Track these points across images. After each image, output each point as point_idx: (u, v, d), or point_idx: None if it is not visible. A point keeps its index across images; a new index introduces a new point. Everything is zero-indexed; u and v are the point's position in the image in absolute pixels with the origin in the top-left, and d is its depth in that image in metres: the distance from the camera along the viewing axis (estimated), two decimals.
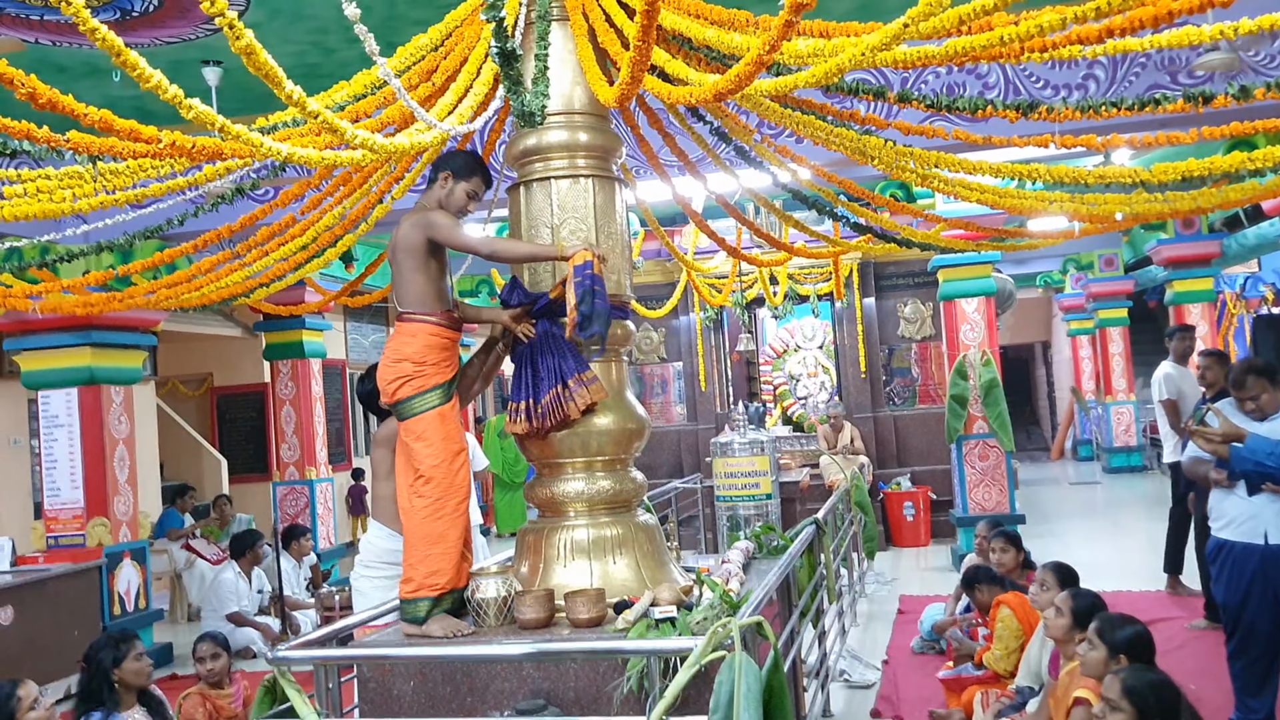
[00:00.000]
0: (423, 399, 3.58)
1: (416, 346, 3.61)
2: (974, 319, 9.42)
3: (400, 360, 3.60)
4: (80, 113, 2.50)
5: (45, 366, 7.78)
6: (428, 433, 3.57)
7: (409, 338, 3.63)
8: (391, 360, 3.62)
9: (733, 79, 2.69)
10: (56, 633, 7.14)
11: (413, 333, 3.64)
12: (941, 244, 6.45)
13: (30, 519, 9.93)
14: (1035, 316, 23.01)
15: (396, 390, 3.59)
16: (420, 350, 3.61)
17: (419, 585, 3.55)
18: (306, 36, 5.82)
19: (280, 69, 2.41)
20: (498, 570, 3.75)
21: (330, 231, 5.18)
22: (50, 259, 5.16)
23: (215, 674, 4.92)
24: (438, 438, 3.57)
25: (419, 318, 3.64)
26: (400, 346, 3.63)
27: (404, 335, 3.65)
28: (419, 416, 3.58)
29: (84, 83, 6.13)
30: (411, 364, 3.59)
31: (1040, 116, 3.75)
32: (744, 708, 2.67)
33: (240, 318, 12.57)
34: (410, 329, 3.64)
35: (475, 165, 3.80)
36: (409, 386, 3.58)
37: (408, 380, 3.58)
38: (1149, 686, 3.00)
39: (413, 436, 3.59)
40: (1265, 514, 4.27)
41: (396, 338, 3.67)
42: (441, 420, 3.60)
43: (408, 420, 3.61)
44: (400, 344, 3.63)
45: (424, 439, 3.56)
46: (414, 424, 3.59)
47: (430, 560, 3.56)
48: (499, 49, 3.18)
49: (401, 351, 3.61)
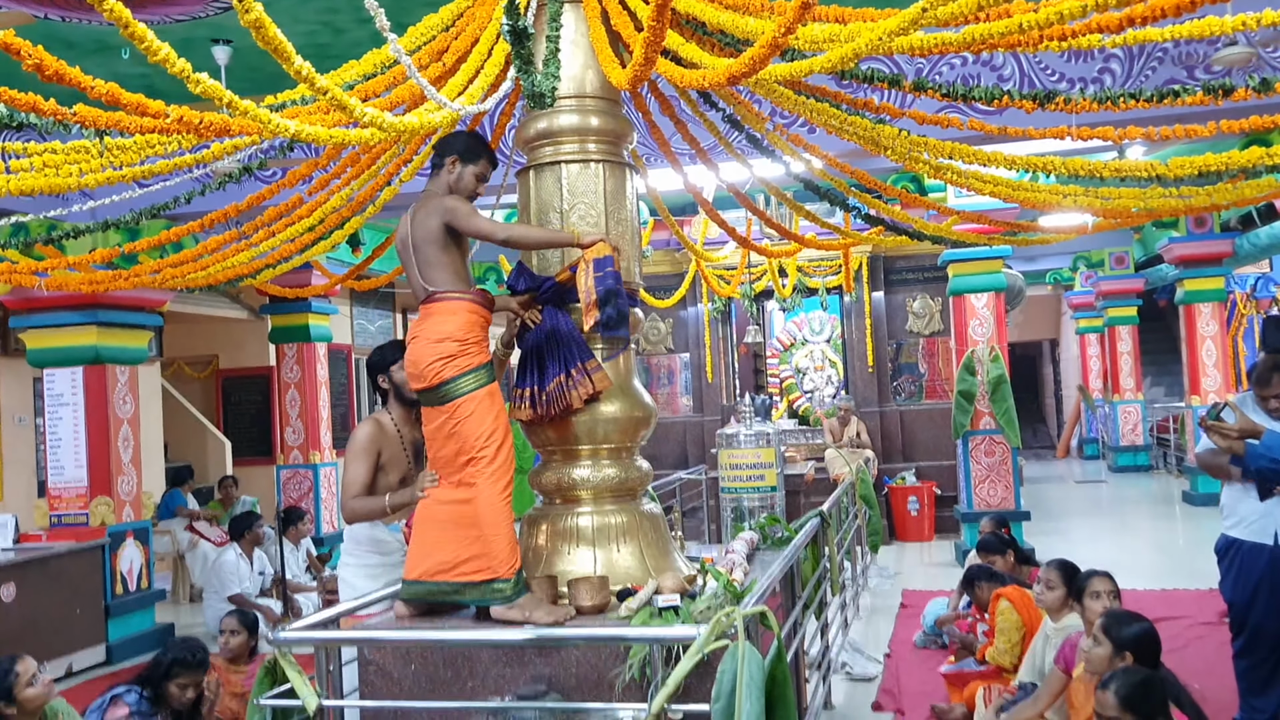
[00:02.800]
0: (471, 377, 3.43)
1: (459, 323, 3.47)
2: (983, 314, 9.37)
3: (442, 340, 3.44)
4: (87, 85, 2.47)
5: (51, 345, 7.78)
6: (479, 411, 3.43)
7: (448, 315, 3.48)
8: (431, 340, 3.45)
9: (746, 62, 2.65)
10: (58, 611, 7.15)
11: (452, 310, 3.49)
12: (953, 237, 6.41)
13: (34, 497, 9.96)
14: (1044, 313, 22.94)
15: (440, 371, 3.43)
16: (463, 327, 3.47)
17: (502, 564, 3.41)
18: (317, 16, 5.79)
19: (290, 45, 2.38)
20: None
21: (337, 213, 5.15)
22: (56, 235, 5.14)
23: (231, 649, 4.91)
24: (489, 415, 3.44)
25: (455, 295, 3.52)
26: (439, 325, 3.47)
27: (442, 314, 3.49)
28: (468, 396, 3.43)
29: (93, 59, 6.11)
30: (455, 342, 3.44)
31: (1057, 107, 3.70)
32: (746, 696, 2.65)
33: (246, 300, 12.57)
34: (449, 306, 3.50)
35: (481, 147, 3.71)
36: (453, 366, 3.43)
37: (451, 359, 3.43)
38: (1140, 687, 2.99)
39: (461, 418, 3.43)
40: (1276, 514, 4.22)
41: (433, 317, 3.50)
42: (491, 398, 3.47)
43: (454, 402, 3.44)
44: (439, 323, 3.48)
45: (475, 417, 3.42)
46: (463, 404, 3.43)
47: (507, 536, 3.43)
48: (510, 26, 3.14)
49: (442, 330, 3.46)
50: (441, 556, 3.50)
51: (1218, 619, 6.15)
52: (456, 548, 3.48)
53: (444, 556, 3.50)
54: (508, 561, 3.44)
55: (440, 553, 3.51)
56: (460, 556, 3.47)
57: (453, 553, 3.48)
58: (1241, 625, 4.40)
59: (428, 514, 3.59)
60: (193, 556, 9.72)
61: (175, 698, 4.17)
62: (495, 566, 3.43)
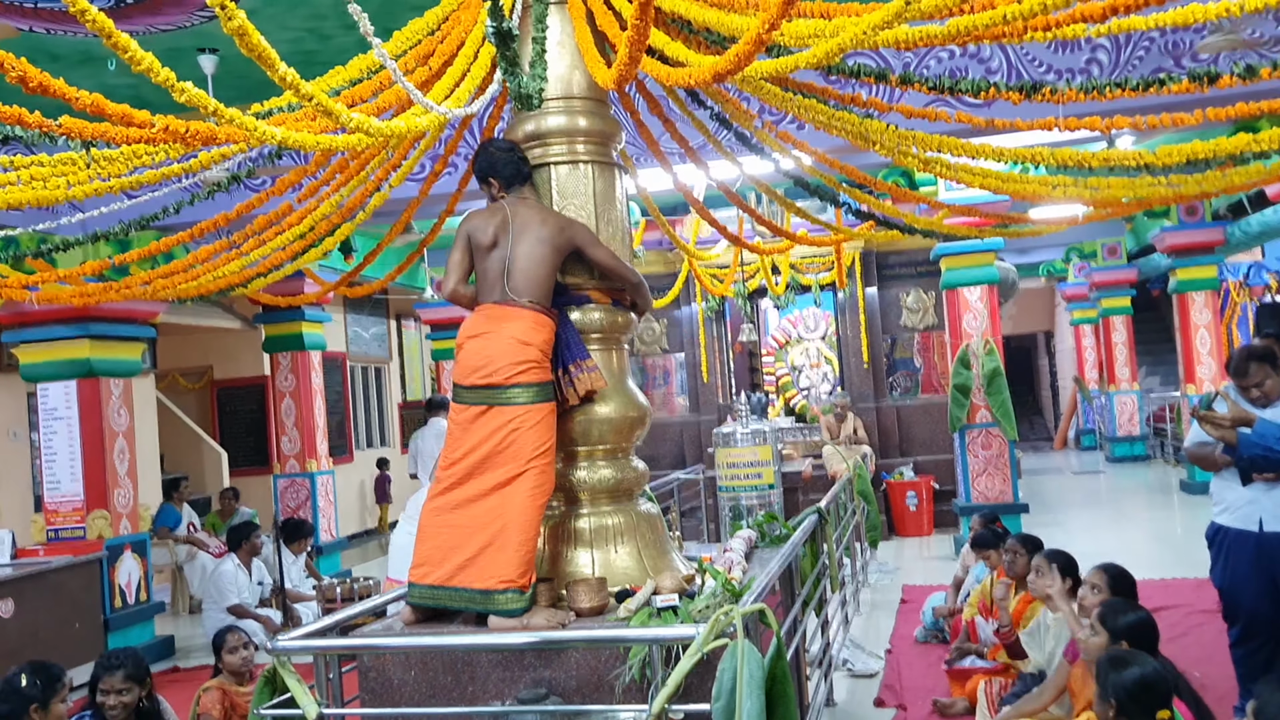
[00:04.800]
0: (544, 389, 3.55)
1: (546, 337, 3.60)
2: (977, 308, 9.38)
3: (529, 345, 3.55)
4: (71, 96, 2.46)
5: (44, 359, 7.76)
6: (543, 423, 3.52)
7: (539, 327, 3.59)
8: (520, 342, 3.54)
9: (731, 59, 2.65)
10: (57, 625, 7.13)
11: (543, 324, 3.61)
12: (944, 230, 6.41)
13: (30, 512, 9.92)
14: (1038, 306, 22.98)
15: (522, 373, 3.52)
16: (546, 342, 3.60)
17: (521, 576, 3.41)
18: (304, 23, 5.78)
19: (274, 51, 2.37)
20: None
21: (327, 220, 5.14)
22: (46, 248, 5.12)
23: (249, 662, 4.85)
24: (547, 428, 3.54)
25: (546, 311, 3.64)
26: (531, 333, 3.57)
27: (535, 323, 3.59)
28: (536, 406, 3.52)
29: (79, 71, 6.09)
30: (540, 352, 3.57)
31: (1044, 98, 3.71)
32: (746, 695, 2.65)
33: (240, 310, 12.55)
34: (541, 319, 3.61)
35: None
36: (534, 373, 3.54)
37: (535, 367, 3.54)
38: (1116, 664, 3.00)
39: (524, 426, 3.49)
40: (1262, 501, 4.24)
41: (525, 322, 3.58)
42: (551, 414, 3.58)
43: (520, 406, 3.51)
44: (531, 331, 3.57)
45: (539, 428, 3.50)
46: (531, 413, 3.51)
47: (530, 549, 3.45)
48: (495, 28, 3.14)
49: (533, 338, 3.56)
50: (459, 561, 3.47)
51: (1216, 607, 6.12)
52: (476, 554, 3.45)
53: (462, 562, 3.46)
54: (526, 574, 3.42)
55: (458, 557, 3.47)
56: (480, 563, 3.44)
57: (471, 558, 3.45)
58: (1235, 614, 4.42)
59: (449, 517, 3.54)
60: (191, 568, 9.70)
61: (108, 707, 4.08)
62: (513, 577, 3.40)
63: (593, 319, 3.88)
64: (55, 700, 3.85)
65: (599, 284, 3.89)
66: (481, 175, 3.84)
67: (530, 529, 3.45)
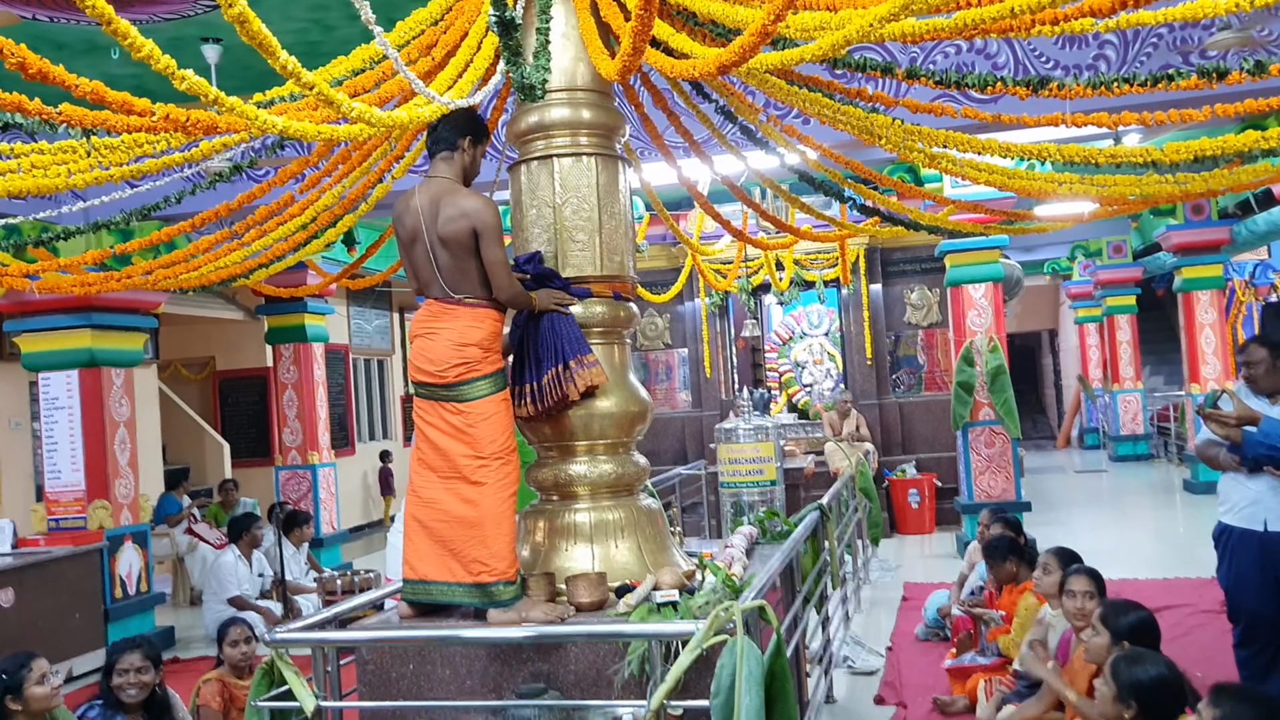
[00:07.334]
0: (489, 381, 3.53)
1: (485, 332, 3.56)
2: (981, 305, 9.34)
3: (467, 345, 3.51)
4: (71, 84, 2.45)
5: (45, 348, 7.75)
6: (495, 415, 3.52)
7: (476, 323, 3.55)
8: (456, 344, 3.51)
9: (736, 50, 2.62)
10: (58, 615, 7.13)
11: (480, 318, 3.56)
12: (949, 226, 6.38)
13: (31, 501, 9.94)
14: (1042, 304, 22.91)
15: (461, 374, 3.50)
16: (487, 336, 3.56)
17: (507, 567, 3.44)
18: (307, 14, 5.77)
19: (275, 39, 2.35)
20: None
21: (330, 211, 5.12)
22: (48, 237, 5.11)
23: (249, 656, 4.84)
24: (503, 419, 3.54)
25: (483, 304, 3.58)
26: (467, 332, 3.53)
27: (470, 320, 3.55)
28: (485, 399, 3.51)
29: (83, 60, 6.08)
30: (480, 349, 3.53)
31: (1051, 94, 3.68)
32: (745, 691, 2.63)
33: (242, 301, 12.55)
34: (477, 314, 3.56)
35: (484, 124, 3.74)
36: (478, 369, 3.52)
37: (473, 365, 3.52)
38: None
39: (476, 419, 3.50)
40: (1266, 500, 4.22)
41: (460, 322, 3.54)
42: (505, 403, 3.58)
43: (470, 403, 3.50)
44: (467, 329, 3.53)
45: (490, 420, 3.50)
46: (479, 406, 3.50)
47: (510, 539, 3.47)
48: (498, 18, 3.12)
49: (469, 337, 3.52)
50: (442, 556, 3.49)
51: (1219, 607, 6.12)
52: (458, 548, 3.47)
53: (445, 556, 3.49)
54: (511, 563, 3.45)
55: (441, 552, 3.50)
56: (464, 557, 3.46)
57: (454, 553, 3.48)
58: (1239, 614, 4.40)
59: (425, 513, 3.56)
60: (192, 559, 9.70)
61: (122, 688, 4.06)
62: (498, 568, 3.43)
63: (595, 313, 3.85)
64: (29, 684, 3.79)
65: (601, 276, 3.87)
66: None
67: (505, 519, 3.47)
